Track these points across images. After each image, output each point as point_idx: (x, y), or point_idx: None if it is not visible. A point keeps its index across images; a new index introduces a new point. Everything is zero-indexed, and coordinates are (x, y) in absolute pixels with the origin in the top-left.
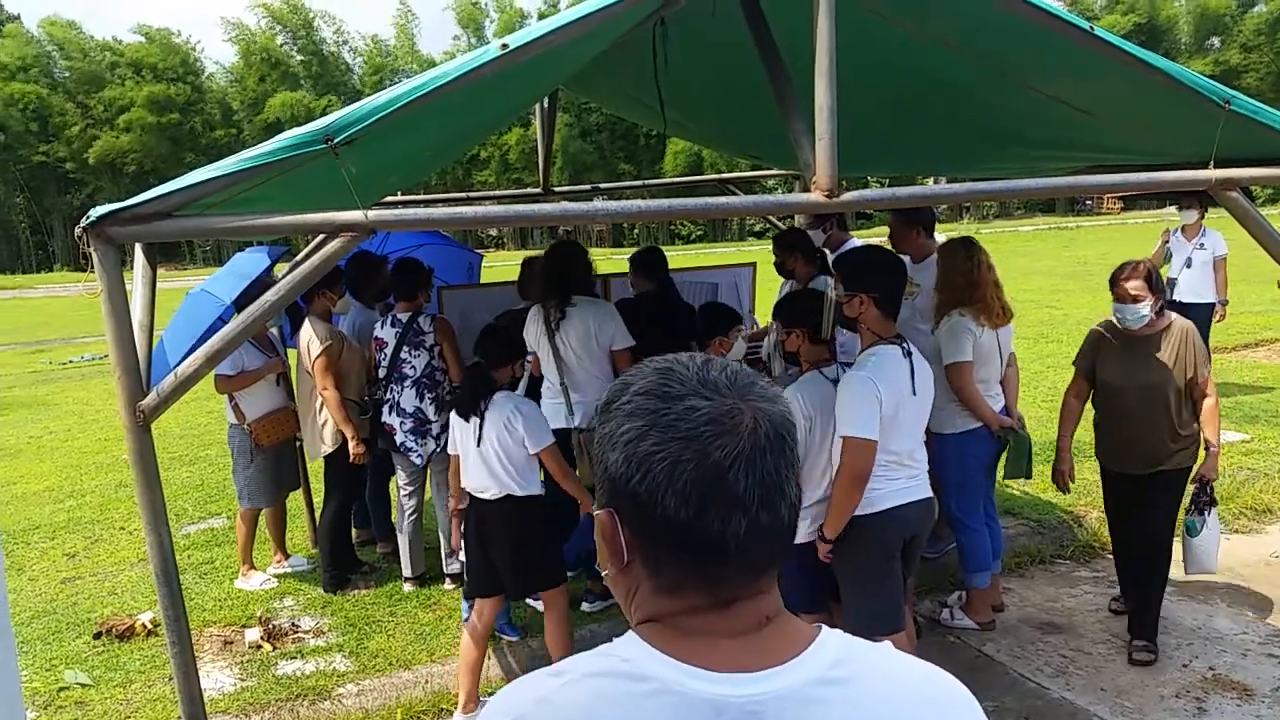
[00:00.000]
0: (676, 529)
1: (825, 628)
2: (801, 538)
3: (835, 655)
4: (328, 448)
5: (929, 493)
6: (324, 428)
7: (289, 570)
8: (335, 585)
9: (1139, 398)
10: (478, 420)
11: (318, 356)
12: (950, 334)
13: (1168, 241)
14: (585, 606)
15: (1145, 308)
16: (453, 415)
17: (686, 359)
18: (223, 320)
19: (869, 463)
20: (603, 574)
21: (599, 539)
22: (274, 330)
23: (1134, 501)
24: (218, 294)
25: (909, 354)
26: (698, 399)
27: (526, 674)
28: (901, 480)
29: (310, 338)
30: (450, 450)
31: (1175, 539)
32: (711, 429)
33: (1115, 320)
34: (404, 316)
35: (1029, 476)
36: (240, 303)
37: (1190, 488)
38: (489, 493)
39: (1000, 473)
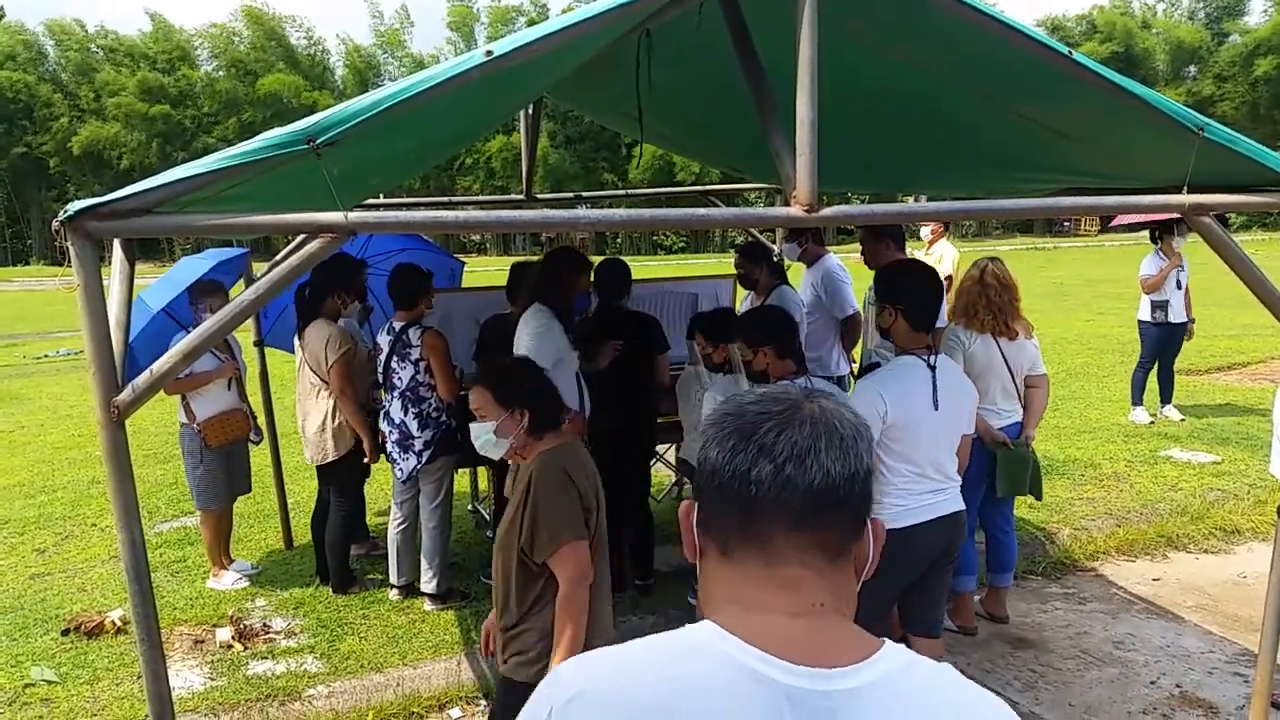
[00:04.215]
0: (715, 473)
1: (889, 641)
2: None
3: (903, 666)
4: (333, 456)
5: (958, 506)
6: (330, 435)
7: (228, 586)
8: (344, 586)
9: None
10: None
11: (335, 362)
12: (942, 343)
13: (1177, 265)
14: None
15: (486, 428)
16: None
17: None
18: (171, 320)
19: None
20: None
21: (683, 531)
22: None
23: None
24: (149, 302)
25: (933, 366)
26: (762, 403)
27: (589, 650)
28: (926, 495)
29: (328, 340)
30: None
31: None
32: (759, 406)
33: None
34: (398, 325)
35: (1038, 497)
36: (173, 306)
37: None
38: None
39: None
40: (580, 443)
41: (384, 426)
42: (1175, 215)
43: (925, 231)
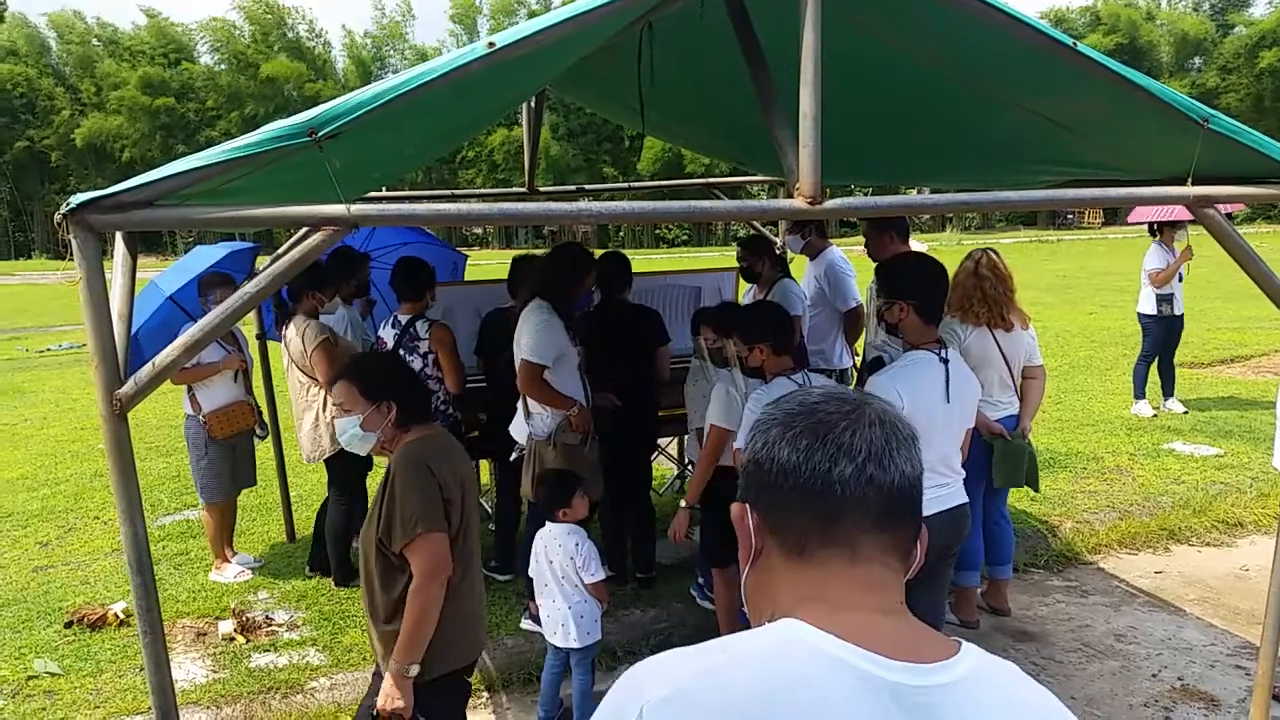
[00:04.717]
0: (790, 473)
1: (962, 640)
2: None
3: (983, 663)
4: (329, 450)
5: (962, 499)
6: (325, 430)
7: (231, 579)
8: (346, 579)
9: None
10: None
11: (315, 349)
12: None
13: (1190, 259)
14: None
15: (352, 422)
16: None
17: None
18: (179, 309)
19: None
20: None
21: (737, 532)
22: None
23: None
24: (162, 287)
25: (946, 360)
26: (831, 403)
27: (676, 648)
28: (933, 489)
29: (305, 333)
30: (721, 423)
31: None
32: (829, 406)
33: None
34: (405, 319)
35: (1035, 489)
36: (181, 296)
37: None
38: None
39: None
40: (449, 435)
41: None
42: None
43: None
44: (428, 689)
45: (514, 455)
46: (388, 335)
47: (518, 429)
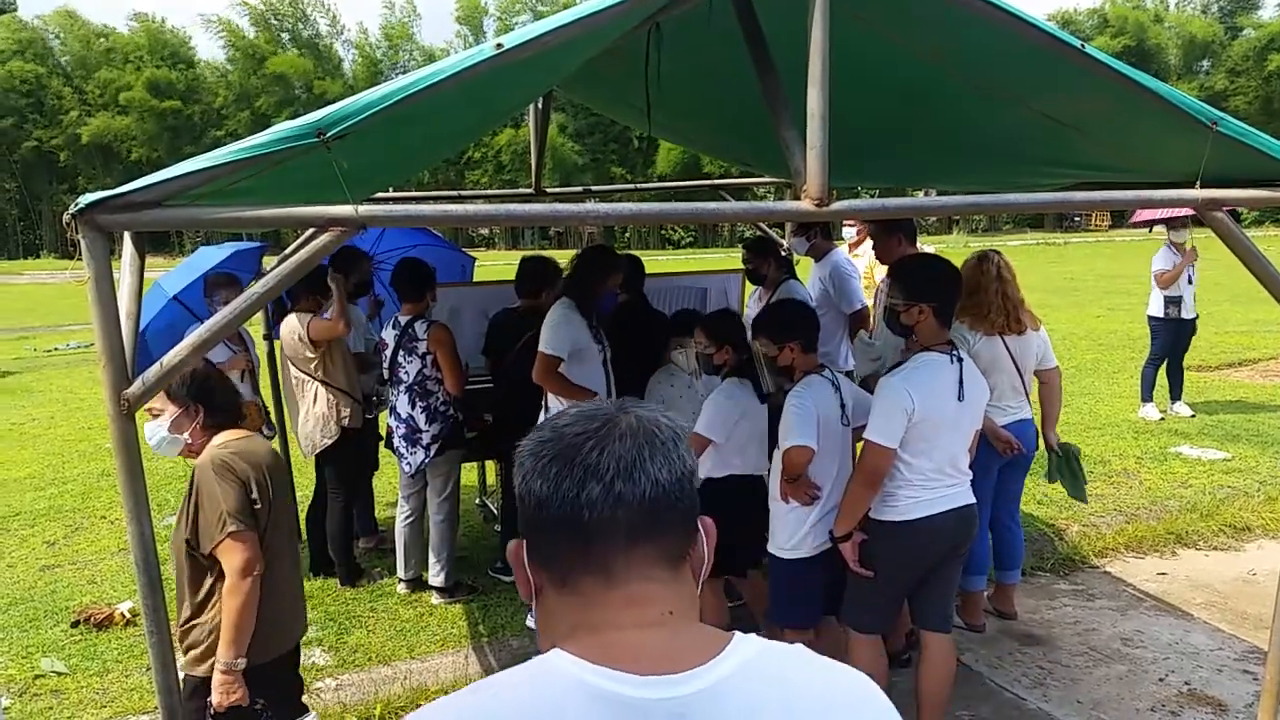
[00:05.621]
0: (543, 504)
1: (739, 633)
2: (806, 550)
3: (755, 657)
4: (330, 439)
5: (970, 499)
6: (324, 421)
7: None
8: (352, 578)
9: None
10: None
11: (310, 321)
12: None
13: (1195, 259)
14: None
15: (160, 425)
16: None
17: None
18: (185, 310)
19: (884, 466)
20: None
21: (514, 572)
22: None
23: None
24: (166, 288)
25: (959, 360)
26: (578, 424)
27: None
28: (940, 489)
29: (300, 321)
30: (703, 431)
31: None
32: (576, 427)
33: None
34: (405, 319)
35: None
36: (186, 296)
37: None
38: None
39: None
40: (260, 437)
41: (391, 421)
42: (1188, 212)
43: (850, 232)
44: (256, 673)
45: None
46: (389, 336)
47: None
